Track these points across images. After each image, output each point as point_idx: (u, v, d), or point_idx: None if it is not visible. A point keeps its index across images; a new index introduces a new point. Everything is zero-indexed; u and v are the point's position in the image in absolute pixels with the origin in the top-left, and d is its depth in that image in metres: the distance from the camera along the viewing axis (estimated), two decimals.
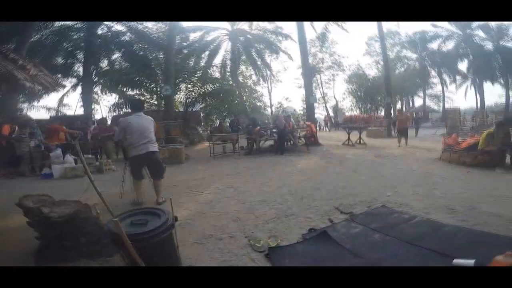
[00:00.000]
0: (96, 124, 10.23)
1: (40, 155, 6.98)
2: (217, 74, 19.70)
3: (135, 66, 14.55)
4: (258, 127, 9.46)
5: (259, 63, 20.17)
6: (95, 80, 15.36)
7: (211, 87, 15.32)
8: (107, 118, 13.21)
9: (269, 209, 3.37)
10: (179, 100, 17.61)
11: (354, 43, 57.64)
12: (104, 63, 15.64)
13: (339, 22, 16.07)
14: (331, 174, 5.37)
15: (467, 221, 2.70)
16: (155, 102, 16.60)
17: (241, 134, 10.65)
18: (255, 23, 19.81)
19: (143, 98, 16.61)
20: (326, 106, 33.16)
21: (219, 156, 8.69)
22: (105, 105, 18.06)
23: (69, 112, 17.39)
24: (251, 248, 2.37)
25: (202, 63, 18.20)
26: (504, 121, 5.96)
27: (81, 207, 2.16)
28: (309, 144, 9.67)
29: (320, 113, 31.94)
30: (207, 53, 18.83)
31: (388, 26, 22.15)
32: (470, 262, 1.79)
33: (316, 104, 22.50)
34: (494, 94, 65.79)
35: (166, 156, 7.15)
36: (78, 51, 14.70)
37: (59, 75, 13.58)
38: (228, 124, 13.62)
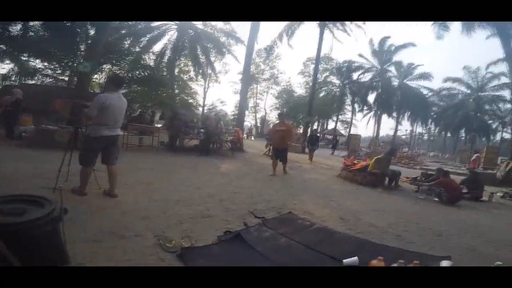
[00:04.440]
0: None
1: None
2: (151, 62, 18.16)
3: (54, 36, 12.04)
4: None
5: (202, 60, 19.41)
6: None
7: (139, 73, 14.00)
8: None
9: (186, 210, 3.25)
10: (97, 80, 15.46)
11: (293, 60, 61.80)
12: (17, 27, 12.34)
13: (286, 37, 17.05)
14: (250, 180, 5.60)
15: (353, 230, 3.24)
16: (66, 78, 14.16)
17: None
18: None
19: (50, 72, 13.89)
20: (256, 115, 34.59)
21: (134, 148, 7.92)
22: None
23: None
24: (160, 248, 2.22)
25: (138, 48, 16.53)
26: (390, 151, 7.64)
27: None
28: (234, 149, 9.85)
29: (249, 121, 33.07)
30: (147, 38, 17.12)
31: (326, 50, 23.81)
32: (355, 260, 2.20)
33: (246, 112, 23.24)
34: (387, 126, 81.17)
35: (65, 140, 5.83)
36: None
37: None
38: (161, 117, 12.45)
